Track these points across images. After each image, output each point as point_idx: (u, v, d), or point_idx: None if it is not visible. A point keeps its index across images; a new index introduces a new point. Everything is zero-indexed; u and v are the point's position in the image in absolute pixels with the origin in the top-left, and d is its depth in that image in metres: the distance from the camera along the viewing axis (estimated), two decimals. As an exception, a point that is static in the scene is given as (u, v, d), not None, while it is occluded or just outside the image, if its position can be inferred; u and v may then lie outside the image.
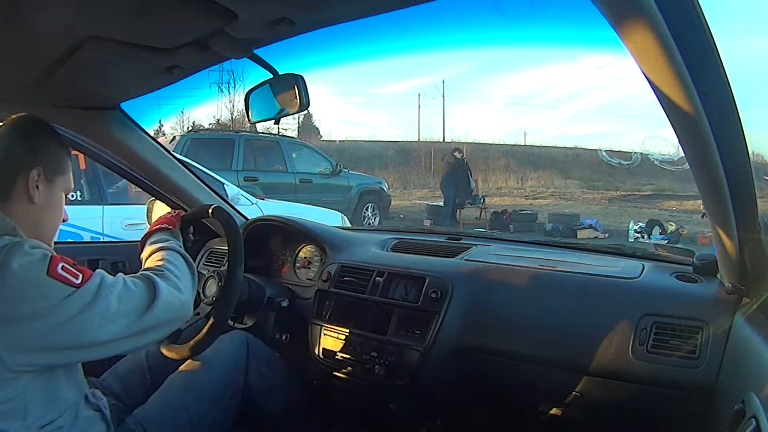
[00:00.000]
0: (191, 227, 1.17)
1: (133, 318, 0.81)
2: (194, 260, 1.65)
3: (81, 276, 0.77)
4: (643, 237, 6.98)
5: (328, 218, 3.51)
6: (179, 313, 0.89)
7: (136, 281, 0.85)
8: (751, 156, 0.72)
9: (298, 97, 0.93)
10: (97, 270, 0.82)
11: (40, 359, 0.76)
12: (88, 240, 2.73)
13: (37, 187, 0.84)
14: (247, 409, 1.18)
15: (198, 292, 1.18)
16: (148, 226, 1.12)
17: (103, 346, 0.79)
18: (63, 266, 0.76)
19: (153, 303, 0.83)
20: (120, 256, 1.66)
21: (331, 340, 1.23)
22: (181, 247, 1.02)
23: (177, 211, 1.16)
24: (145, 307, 0.83)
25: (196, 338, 1.08)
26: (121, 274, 0.85)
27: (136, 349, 0.89)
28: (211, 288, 1.19)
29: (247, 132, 7.27)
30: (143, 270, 0.92)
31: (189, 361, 1.15)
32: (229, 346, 1.17)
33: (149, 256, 0.98)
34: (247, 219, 1.58)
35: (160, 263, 0.93)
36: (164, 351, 1.13)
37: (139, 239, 1.08)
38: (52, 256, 0.76)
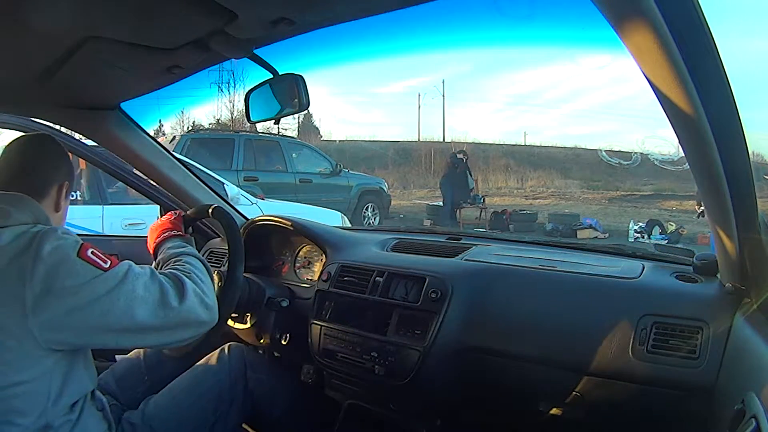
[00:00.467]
0: (189, 227, 1.17)
1: (159, 309, 0.84)
2: None
3: (109, 262, 0.83)
4: (643, 237, 6.98)
5: (328, 218, 3.51)
6: (206, 316, 0.90)
7: (163, 275, 0.88)
8: (751, 156, 0.72)
9: (298, 97, 0.93)
10: (125, 260, 0.86)
11: (69, 338, 0.80)
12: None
13: (61, 199, 0.94)
14: (252, 414, 1.19)
15: None
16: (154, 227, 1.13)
17: (129, 334, 0.82)
18: (93, 251, 0.82)
19: (180, 299, 0.86)
20: (113, 251, 1.66)
21: (331, 340, 1.23)
22: (199, 254, 1.04)
23: (177, 212, 1.16)
24: (172, 300, 0.85)
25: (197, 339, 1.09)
26: (150, 266, 0.89)
27: (161, 345, 0.93)
28: None
29: (247, 132, 7.27)
30: (170, 269, 0.94)
31: (192, 366, 1.16)
32: (227, 356, 1.19)
33: (168, 260, 1.00)
34: (247, 219, 1.58)
35: (184, 266, 0.95)
36: (165, 350, 1.13)
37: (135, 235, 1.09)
38: (82, 242, 0.82)
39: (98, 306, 0.79)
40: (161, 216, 1.50)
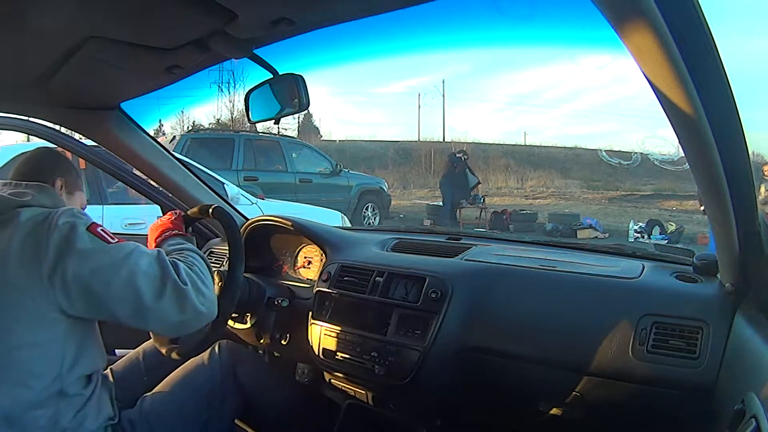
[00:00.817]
0: (189, 227, 1.17)
1: (160, 286, 0.87)
2: None
3: (117, 240, 0.91)
4: (643, 237, 6.97)
5: (328, 218, 3.51)
6: (204, 308, 0.92)
7: (168, 260, 0.92)
8: (751, 156, 0.72)
9: (298, 97, 0.93)
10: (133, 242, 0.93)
11: (77, 304, 0.86)
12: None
13: (62, 195, 1.01)
14: (246, 411, 1.19)
15: None
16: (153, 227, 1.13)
17: (130, 308, 0.87)
18: (102, 229, 0.90)
19: (180, 283, 0.89)
20: None
21: (331, 340, 1.23)
22: (200, 251, 1.05)
23: (178, 212, 1.16)
24: (172, 281, 0.89)
25: (197, 338, 1.09)
26: (157, 249, 0.95)
27: (160, 331, 0.97)
28: None
29: (247, 132, 7.26)
30: (173, 258, 0.96)
31: (186, 362, 1.16)
32: (217, 353, 1.20)
33: (171, 254, 1.00)
34: (247, 219, 1.58)
35: (187, 258, 0.98)
36: (164, 351, 1.13)
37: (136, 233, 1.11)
38: (93, 222, 0.91)
39: (101, 275, 0.85)
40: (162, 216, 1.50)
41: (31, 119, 1.45)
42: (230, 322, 1.34)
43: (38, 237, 0.85)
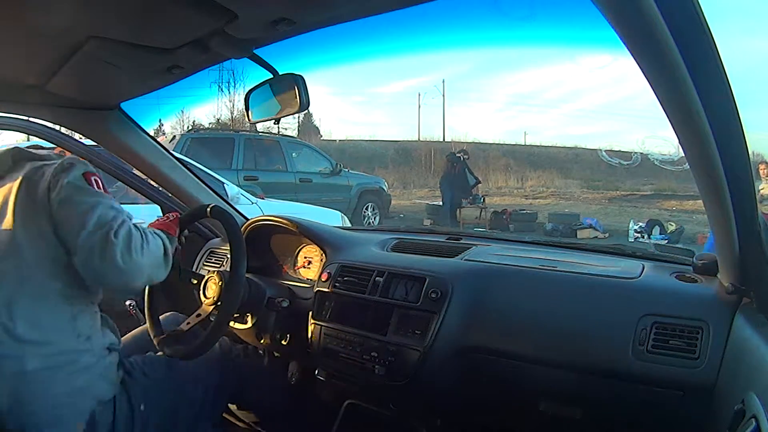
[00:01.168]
0: (185, 230, 1.17)
1: (97, 227, 0.92)
2: (193, 260, 1.65)
3: (102, 191, 0.98)
4: (643, 237, 6.97)
5: (328, 218, 3.51)
6: (122, 262, 0.93)
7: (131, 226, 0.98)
8: (751, 156, 0.72)
9: (298, 97, 0.93)
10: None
11: (51, 228, 0.94)
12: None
13: None
14: (241, 399, 1.21)
15: (197, 294, 1.19)
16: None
17: (72, 238, 0.93)
18: (96, 179, 0.98)
19: (116, 233, 0.93)
20: None
21: (332, 340, 1.23)
22: (171, 247, 1.06)
23: (174, 215, 1.16)
24: (107, 230, 0.93)
25: (200, 338, 1.09)
26: (139, 222, 1.01)
27: (86, 269, 0.96)
28: (211, 288, 1.18)
29: (247, 131, 7.26)
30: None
31: None
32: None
33: None
34: (247, 219, 1.58)
35: (148, 230, 1.02)
36: (167, 352, 1.13)
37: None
38: (94, 172, 0.99)
39: (66, 205, 0.93)
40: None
41: (31, 119, 1.45)
42: (231, 323, 1.34)
43: (44, 172, 0.96)
